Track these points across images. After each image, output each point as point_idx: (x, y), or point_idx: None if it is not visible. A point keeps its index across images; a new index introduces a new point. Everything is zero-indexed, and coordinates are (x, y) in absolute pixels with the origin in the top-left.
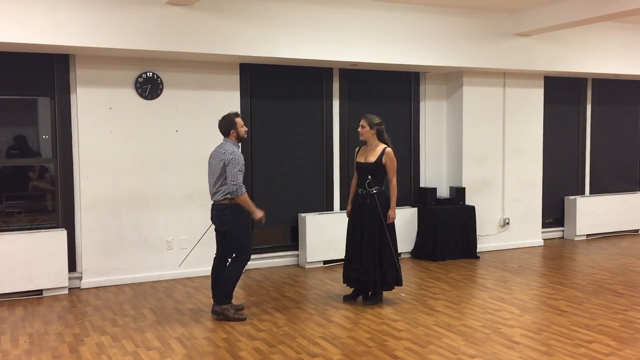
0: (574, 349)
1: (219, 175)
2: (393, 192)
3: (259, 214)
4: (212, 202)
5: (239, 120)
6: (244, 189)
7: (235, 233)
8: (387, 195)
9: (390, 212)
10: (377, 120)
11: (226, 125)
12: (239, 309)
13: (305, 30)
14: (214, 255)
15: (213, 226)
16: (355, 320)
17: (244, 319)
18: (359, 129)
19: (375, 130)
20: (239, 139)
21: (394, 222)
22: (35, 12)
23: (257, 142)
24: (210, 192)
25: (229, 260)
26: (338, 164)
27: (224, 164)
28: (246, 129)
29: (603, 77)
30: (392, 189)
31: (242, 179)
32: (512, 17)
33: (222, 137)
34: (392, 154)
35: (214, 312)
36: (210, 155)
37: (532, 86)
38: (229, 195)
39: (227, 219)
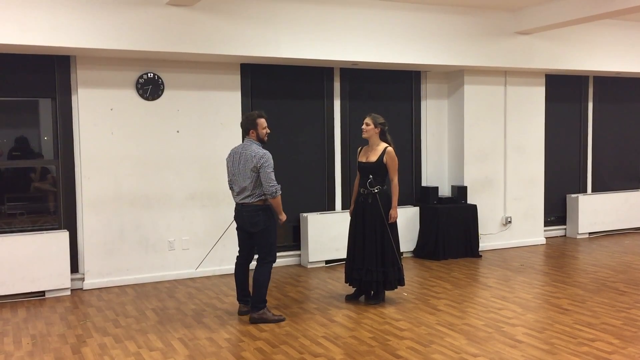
0: (576, 348)
1: (251, 179)
2: (395, 191)
3: (284, 216)
4: (238, 202)
5: (261, 121)
6: (280, 191)
7: (266, 234)
8: (389, 194)
9: (392, 212)
10: (381, 120)
11: (246, 123)
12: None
13: (305, 30)
14: (237, 257)
15: (233, 226)
16: (357, 319)
17: (283, 320)
18: (363, 127)
19: (379, 129)
20: (259, 139)
21: (396, 222)
22: (36, 14)
23: None
24: (235, 192)
25: (253, 261)
26: (339, 164)
27: (257, 167)
28: (268, 131)
29: (604, 74)
30: (394, 188)
31: (275, 179)
32: (513, 15)
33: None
34: (393, 153)
35: (252, 319)
36: (233, 156)
37: (534, 84)
38: (263, 197)
39: (259, 220)
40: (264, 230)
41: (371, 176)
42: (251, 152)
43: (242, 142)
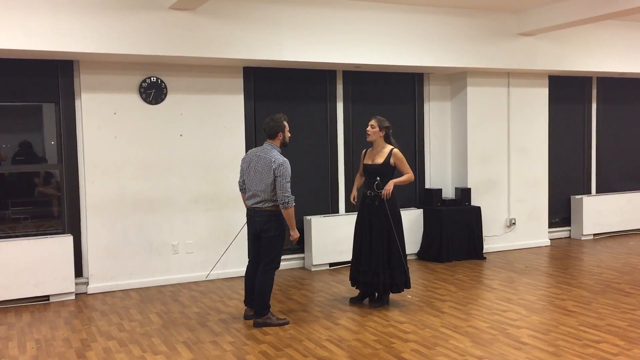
0: (581, 349)
1: (267, 184)
2: (409, 178)
3: (296, 234)
4: (250, 207)
5: (286, 124)
6: (293, 202)
7: (275, 242)
8: (395, 196)
9: (390, 183)
10: (387, 123)
11: (275, 127)
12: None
13: (308, 33)
14: (248, 261)
15: (242, 231)
16: (361, 322)
17: (287, 323)
18: (368, 129)
19: (384, 132)
20: (284, 144)
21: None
22: (39, 19)
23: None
24: (249, 195)
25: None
26: (343, 166)
27: (274, 174)
28: (290, 135)
29: (608, 75)
30: (409, 176)
31: (290, 189)
32: (515, 16)
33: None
34: (400, 153)
35: (255, 324)
36: (250, 158)
37: (537, 86)
38: (277, 204)
39: (271, 227)
40: (273, 237)
41: (378, 178)
42: (271, 158)
43: (262, 145)
